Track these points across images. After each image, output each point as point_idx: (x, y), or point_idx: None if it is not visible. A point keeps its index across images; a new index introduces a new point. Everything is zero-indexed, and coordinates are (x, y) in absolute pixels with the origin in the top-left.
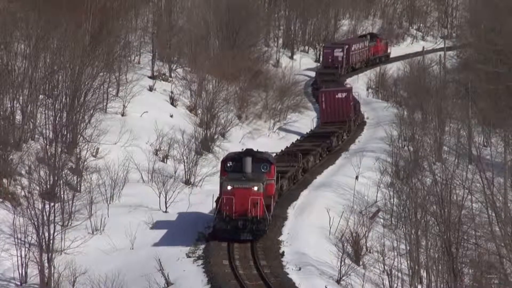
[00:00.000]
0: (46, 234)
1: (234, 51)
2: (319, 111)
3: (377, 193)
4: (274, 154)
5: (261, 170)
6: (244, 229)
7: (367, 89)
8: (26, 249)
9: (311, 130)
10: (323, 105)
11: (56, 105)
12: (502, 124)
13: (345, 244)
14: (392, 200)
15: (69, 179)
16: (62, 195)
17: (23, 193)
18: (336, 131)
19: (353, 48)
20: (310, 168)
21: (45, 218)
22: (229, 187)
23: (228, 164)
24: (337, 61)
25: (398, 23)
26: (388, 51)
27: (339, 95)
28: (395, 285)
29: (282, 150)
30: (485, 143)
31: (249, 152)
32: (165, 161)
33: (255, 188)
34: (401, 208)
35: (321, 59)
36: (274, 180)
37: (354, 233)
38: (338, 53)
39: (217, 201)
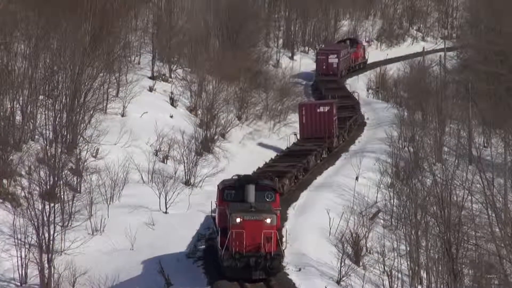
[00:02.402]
0: (46, 235)
1: (234, 52)
2: (299, 126)
3: (377, 193)
4: None
5: (265, 199)
6: (257, 267)
7: (367, 90)
8: (26, 249)
9: (287, 147)
10: (303, 119)
11: (56, 106)
12: (502, 125)
13: (345, 245)
14: (392, 200)
15: (69, 180)
16: (62, 196)
17: (23, 194)
18: (314, 149)
19: (341, 54)
20: (285, 192)
21: (45, 218)
22: (238, 220)
23: (227, 192)
24: (332, 67)
25: (398, 24)
26: (366, 57)
27: (321, 109)
28: (395, 286)
29: (254, 171)
30: (485, 144)
31: (250, 179)
32: (165, 162)
33: (268, 221)
34: (401, 208)
35: (315, 65)
36: (279, 210)
37: (354, 233)
38: (333, 59)
39: (222, 233)
